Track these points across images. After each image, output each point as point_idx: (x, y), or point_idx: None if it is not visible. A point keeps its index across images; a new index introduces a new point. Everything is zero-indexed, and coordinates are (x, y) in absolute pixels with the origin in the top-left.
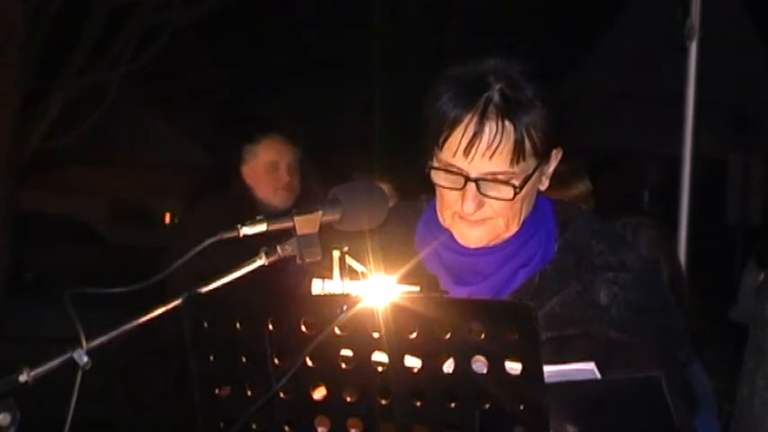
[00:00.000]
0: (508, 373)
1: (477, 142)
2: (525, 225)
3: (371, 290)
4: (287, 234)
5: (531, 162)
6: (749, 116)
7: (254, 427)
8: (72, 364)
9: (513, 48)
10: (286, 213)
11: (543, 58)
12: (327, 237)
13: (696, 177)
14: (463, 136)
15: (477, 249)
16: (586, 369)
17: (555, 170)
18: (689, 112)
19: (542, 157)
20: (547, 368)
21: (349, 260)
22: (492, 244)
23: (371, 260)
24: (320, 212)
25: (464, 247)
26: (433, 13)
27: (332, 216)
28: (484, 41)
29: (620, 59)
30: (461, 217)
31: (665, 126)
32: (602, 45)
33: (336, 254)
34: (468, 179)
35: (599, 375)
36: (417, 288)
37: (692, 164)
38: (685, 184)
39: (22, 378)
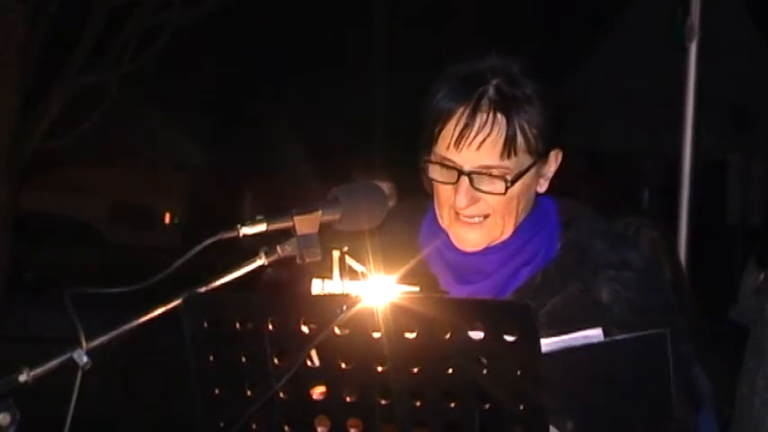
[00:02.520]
0: (508, 373)
1: (468, 133)
2: (527, 224)
3: (371, 290)
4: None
5: (524, 159)
6: (749, 116)
7: (254, 427)
8: (72, 364)
9: (513, 48)
10: (286, 213)
11: (544, 58)
12: (327, 237)
13: (696, 177)
14: (455, 128)
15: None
16: (593, 335)
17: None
18: (689, 111)
19: (538, 156)
20: (555, 339)
21: (349, 260)
22: (492, 244)
23: (371, 260)
24: (320, 212)
25: None
26: (432, 13)
27: (332, 216)
28: (484, 41)
29: (620, 59)
30: (458, 216)
31: (665, 126)
32: (602, 45)
33: (336, 254)
34: (461, 173)
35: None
36: (417, 288)
37: (692, 164)
38: (685, 183)
39: (22, 378)
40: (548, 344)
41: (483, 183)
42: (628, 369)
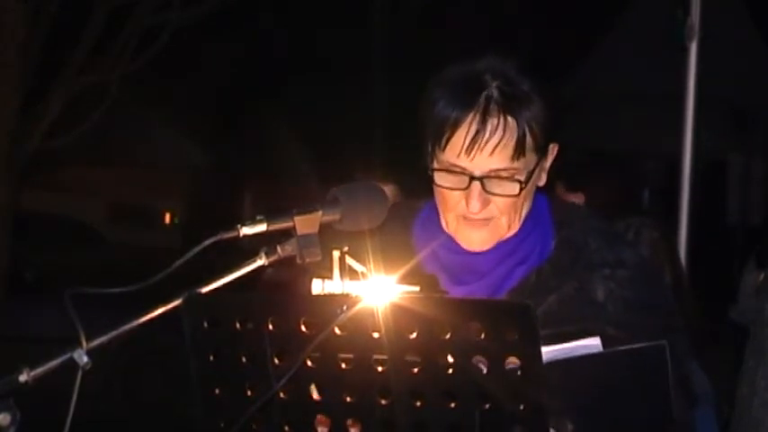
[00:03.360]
0: (508, 373)
1: (480, 140)
2: (525, 222)
3: (371, 290)
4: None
5: (531, 157)
6: (749, 115)
7: (254, 427)
8: (72, 364)
9: (513, 48)
10: (286, 213)
11: (544, 58)
12: (327, 237)
13: (696, 177)
14: (466, 135)
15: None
16: (592, 344)
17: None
18: (689, 111)
19: (542, 152)
20: (553, 347)
21: (349, 260)
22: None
23: (371, 260)
24: (320, 212)
25: (462, 247)
26: (432, 12)
27: (332, 216)
28: (484, 42)
29: (620, 59)
30: (466, 219)
31: (665, 126)
32: (602, 45)
33: (336, 254)
34: (473, 178)
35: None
36: (417, 288)
37: (692, 164)
38: (685, 183)
39: (22, 378)
40: (546, 352)
41: (494, 186)
42: (626, 380)
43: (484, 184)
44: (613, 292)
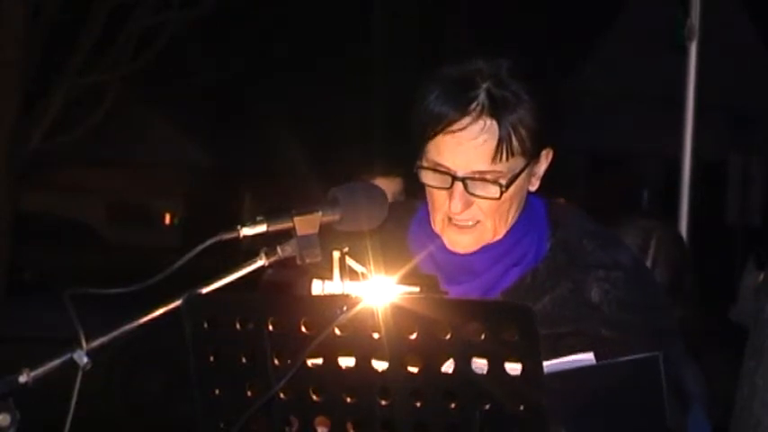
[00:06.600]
0: (508, 374)
1: (460, 140)
2: (518, 224)
3: (371, 290)
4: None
5: (518, 161)
6: (749, 116)
7: (254, 427)
8: (72, 365)
9: (513, 48)
10: (286, 214)
11: (543, 58)
12: (327, 237)
13: (696, 177)
14: (448, 135)
15: None
16: (585, 359)
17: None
18: (688, 112)
19: (531, 157)
20: (546, 363)
21: (349, 261)
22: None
23: (371, 261)
24: (320, 213)
25: None
26: (433, 13)
27: (331, 216)
28: (484, 42)
29: (620, 59)
30: (451, 221)
31: (664, 126)
32: (602, 45)
33: (336, 254)
34: (455, 178)
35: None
36: (417, 288)
37: (692, 164)
38: (685, 184)
39: (22, 378)
40: None
41: (477, 188)
42: (620, 392)
43: (466, 185)
44: (608, 294)
